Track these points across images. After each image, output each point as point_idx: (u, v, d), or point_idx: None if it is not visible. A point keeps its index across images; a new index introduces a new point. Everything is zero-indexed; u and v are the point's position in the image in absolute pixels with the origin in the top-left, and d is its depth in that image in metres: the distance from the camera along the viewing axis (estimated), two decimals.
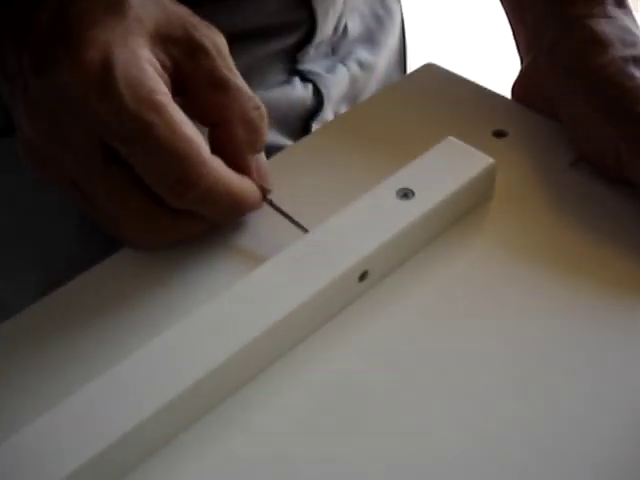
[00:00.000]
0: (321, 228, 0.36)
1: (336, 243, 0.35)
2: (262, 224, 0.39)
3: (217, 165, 0.35)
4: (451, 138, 0.40)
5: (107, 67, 0.33)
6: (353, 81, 0.59)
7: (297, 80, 0.56)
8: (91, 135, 0.34)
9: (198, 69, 0.36)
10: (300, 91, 0.55)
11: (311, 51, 0.56)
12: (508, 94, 0.47)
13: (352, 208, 0.37)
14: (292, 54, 0.55)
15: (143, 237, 0.37)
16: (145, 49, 0.34)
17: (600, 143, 0.40)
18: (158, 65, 0.35)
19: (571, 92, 0.41)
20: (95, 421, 0.29)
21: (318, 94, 0.56)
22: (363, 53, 0.60)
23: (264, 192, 0.38)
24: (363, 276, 0.35)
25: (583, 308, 0.35)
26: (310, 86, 0.56)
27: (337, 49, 0.59)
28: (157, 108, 0.33)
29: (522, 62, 0.48)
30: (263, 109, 0.37)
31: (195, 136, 0.34)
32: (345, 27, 0.59)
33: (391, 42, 0.63)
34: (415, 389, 0.32)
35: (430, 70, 0.49)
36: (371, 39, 0.61)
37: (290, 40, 0.55)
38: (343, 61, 0.59)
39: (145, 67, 0.34)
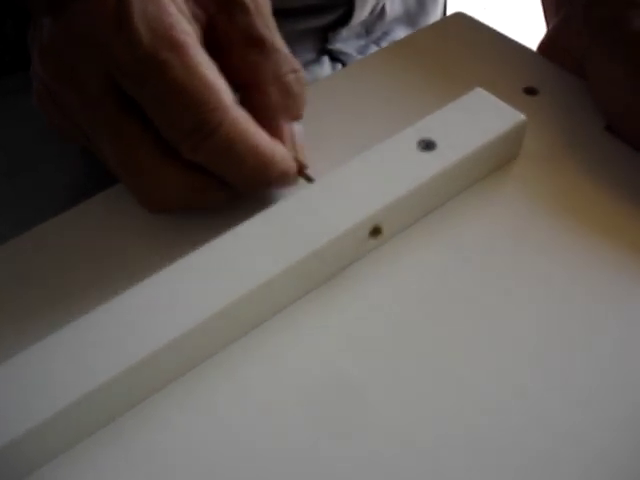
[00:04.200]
0: (330, 176, 0.33)
1: (346, 194, 0.32)
2: None
3: (241, 116, 0.31)
4: (479, 89, 0.36)
5: (123, 2, 0.30)
6: None
7: (326, 60, 0.53)
8: (101, 75, 0.31)
9: (233, 25, 0.33)
10: (328, 71, 0.53)
11: (344, 31, 0.54)
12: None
13: (366, 157, 0.34)
14: (324, 33, 0.53)
15: (151, 196, 0.33)
16: None
17: (633, 111, 0.37)
18: (184, 7, 0.32)
19: (605, 56, 0.38)
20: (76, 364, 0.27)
21: None
22: (400, 35, 0.58)
23: (300, 166, 0.34)
24: (375, 231, 0.32)
25: (610, 275, 0.32)
26: (339, 67, 0.54)
27: (371, 30, 0.56)
28: (175, 47, 0.30)
29: (547, 23, 0.45)
30: (302, 73, 0.34)
31: (217, 80, 0.31)
32: (382, 8, 0.56)
33: None
34: (419, 353, 0.30)
35: (460, 19, 0.45)
36: (410, 21, 0.59)
37: (325, 20, 0.52)
38: (377, 42, 0.57)
39: (165, 3, 0.31)
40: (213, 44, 0.33)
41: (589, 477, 0.27)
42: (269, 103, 0.33)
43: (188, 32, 0.31)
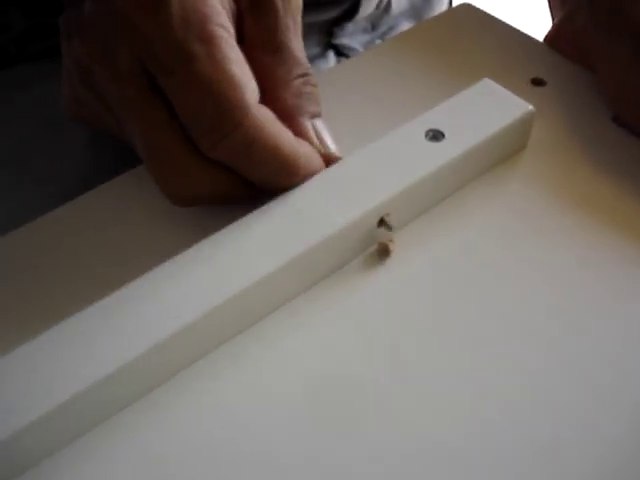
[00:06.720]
0: (339, 166, 0.33)
1: (354, 183, 0.32)
2: None
3: (263, 116, 0.30)
4: (487, 80, 0.36)
5: None
6: None
7: (332, 54, 0.53)
8: (134, 56, 0.31)
9: (257, 25, 0.33)
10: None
11: (350, 26, 0.54)
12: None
13: (375, 147, 0.34)
14: (329, 28, 0.53)
15: (171, 185, 0.32)
16: None
17: (639, 101, 0.37)
18: (226, 1, 0.32)
19: (612, 47, 0.38)
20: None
21: None
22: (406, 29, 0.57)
23: (330, 160, 0.33)
24: (382, 221, 0.32)
25: (615, 265, 0.32)
26: None
27: (377, 25, 0.56)
28: (207, 38, 0.30)
29: (553, 16, 0.45)
30: (311, 78, 0.34)
31: (243, 78, 0.30)
32: (388, 3, 0.56)
33: None
34: (427, 341, 0.30)
35: (466, 10, 0.45)
36: (416, 15, 0.59)
37: (330, 14, 0.52)
38: (383, 37, 0.56)
39: None
40: (238, 38, 0.32)
41: (597, 467, 0.27)
42: (284, 105, 0.33)
43: (224, 26, 0.30)
